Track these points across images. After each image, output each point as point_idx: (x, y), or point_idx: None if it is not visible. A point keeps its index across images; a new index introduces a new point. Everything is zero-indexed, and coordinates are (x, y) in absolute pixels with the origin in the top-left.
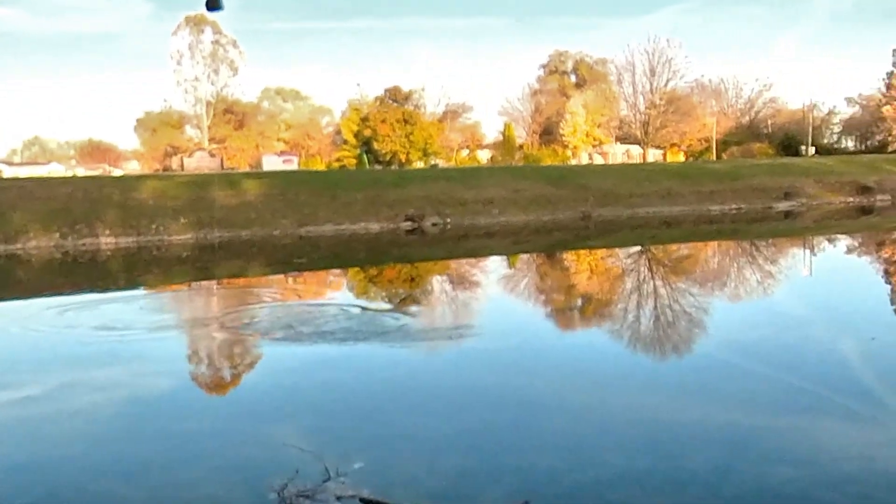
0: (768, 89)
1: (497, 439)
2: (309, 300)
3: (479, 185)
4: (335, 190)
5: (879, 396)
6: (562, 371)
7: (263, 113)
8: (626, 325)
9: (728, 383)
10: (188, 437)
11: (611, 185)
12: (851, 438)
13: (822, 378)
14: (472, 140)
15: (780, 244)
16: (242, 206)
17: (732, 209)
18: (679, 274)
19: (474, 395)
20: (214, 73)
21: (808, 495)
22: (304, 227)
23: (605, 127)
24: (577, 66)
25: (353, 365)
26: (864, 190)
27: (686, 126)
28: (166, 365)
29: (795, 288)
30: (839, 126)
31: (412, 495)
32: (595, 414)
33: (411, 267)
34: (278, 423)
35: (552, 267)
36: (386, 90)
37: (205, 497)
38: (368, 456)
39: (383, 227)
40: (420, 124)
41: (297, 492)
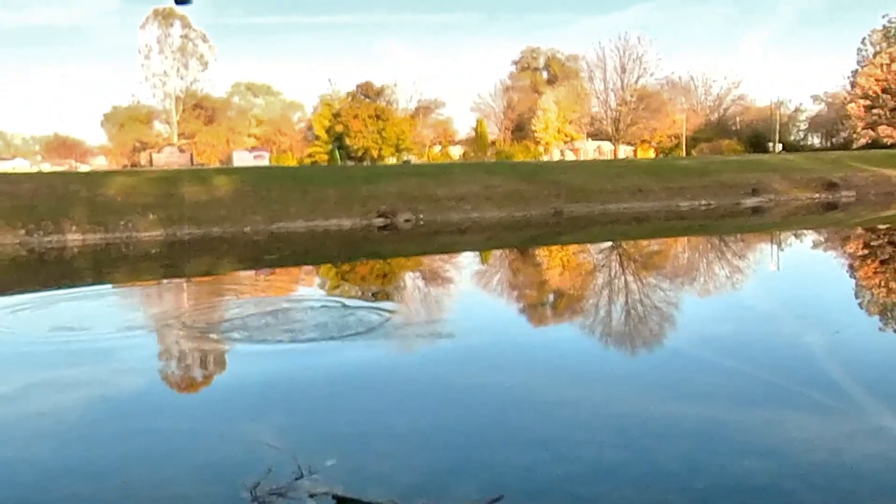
0: (737, 87)
1: (471, 435)
2: (280, 297)
3: (452, 181)
4: (307, 186)
5: (844, 388)
6: (535, 367)
7: (234, 108)
8: (598, 321)
9: (698, 377)
10: (158, 437)
11: (582, 182)
12: (818, 430)
13: (790, 371)
14: (444, 136)
15: (748, 240)
16: (213, 202)
17: (702, 205)
18: (650, 269)
19: (448, 392)
20: (184, 67)
21: (777, 486)
22: (276, 223)
23: (577, 123)
24: (548, 63)
25: (326, 362)
26: (830, 186)
27: (656, 123)
28: (135, 364)
29: (763, 283)
30: (805, 123)
31: (386, 492)
32: (568, 409)
33: (384, 263)
34: (250, 421)
35: (525, 263)
36: (358, 86)
37: (176, 496)
38: (341, 453)
39: (356, 224)
40: (392, 120)
41: (269, 490)
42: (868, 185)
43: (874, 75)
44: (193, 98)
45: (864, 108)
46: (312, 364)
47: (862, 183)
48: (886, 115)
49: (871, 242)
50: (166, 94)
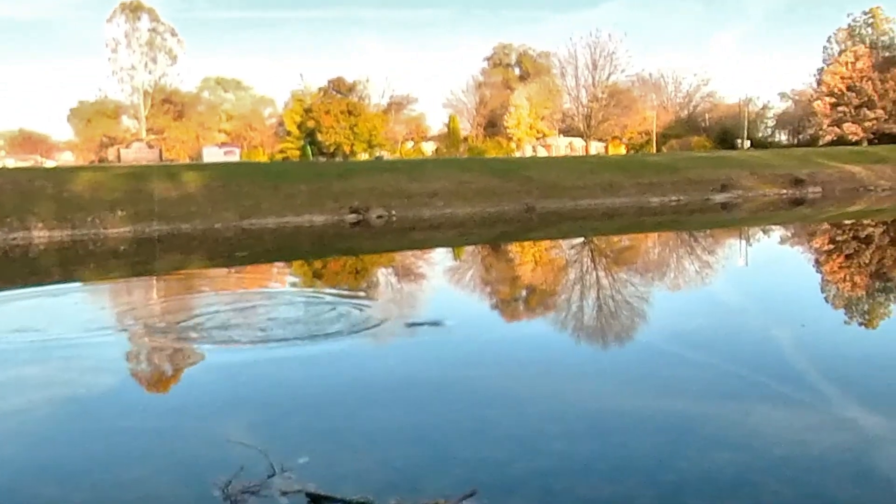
0: (706, 84)
1: (445, 431)
2: (251, 295)
3: (425, 177)
4: (278, 182)
5: (811, 381)
6: (509, 361)
7: (204, 103)
8: (570, 316)
9: (669, 371)
10: (127, 437)
11: (554, 178)
12: (786, 422)
13: (758, 364)
14: (416, 132)
15: (717, 235)
16: (183, 198)
17: (672, 201)
18: (622, 265)
19: (422, 388)
20: (152, 61)
21: (745, 478)
22: (247, 219)
23: (549, 119)
24: (520, 59)
25: (298, 360)
26: (797, 182)
27: (627, 119)
28: (102, 363)
29: (732, 278)
30: (773, 120)
31: (359, 489)
32: (541, 403)
33: (357, 259)
34: (222, 420)
35: (498, 259)
36: (329, 81)
37: (147, 496)
38: (314, 450)
39: (328, 220)
40: (364, 116)
41: (241, 488)
42: (833, 181)
43: (839, 73)
44: (162, 93)
45: (830, 106)
46: (284, 362)
47: (828, 179)
48: (851, 113)
49: (836, 238)
50: (134, 88)
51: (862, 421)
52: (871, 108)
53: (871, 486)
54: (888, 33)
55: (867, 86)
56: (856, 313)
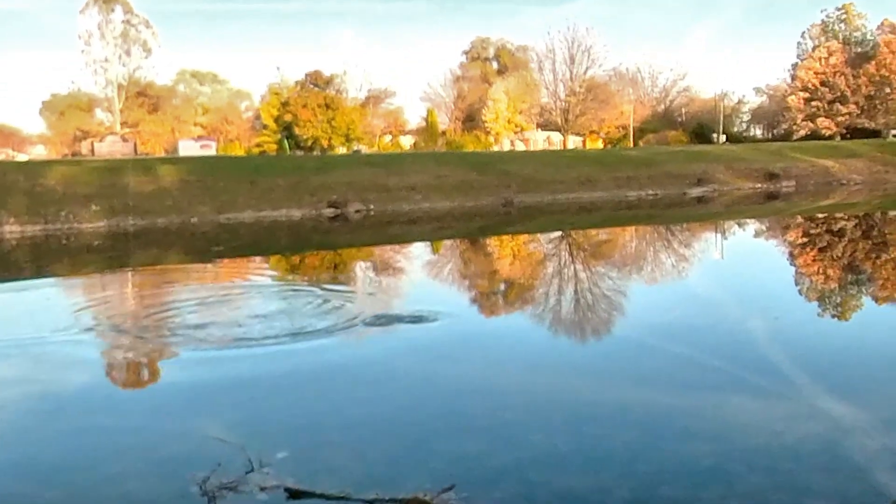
0: (682, 78)
1: (423, 425)
2: (227, 290)
3: (403, 171)
4: (255, 176)
5: (785, 372)
6: (486, 355)
7: (179, 96)
8: (548, 309)
9: (645, 363)
10: (103, 435)
11: (532, 172)
12: (760, 413)
13: (733, 356)
14: (394, 126)
15: (693, 229)
16: (158, 192)
17: (649, 195)
18: (599, 258)
19: (400, 382)
20: (126, 54)
21: (721, 468)
22: (224, 214)
23: (527, 114)
24: (498, 53)
25: (275, 355)
26: (771, 176)
27: (604, 113)
28: (76, 360)
29: (708, 271)
30: (748, 115)
31: (338, 484)
32: (519, 397)
33: (335, 254)
34: (199, 417)
35: (476, 253)
36: (307, 74)
37: (124, 494)
38: (293, 446)
39: (305, 214)
40: (342, 109)
41: (219, 484)
42: (807, 175)
43: (813, 68)
44: (136, 86)
45: (804, 101)
46: (261, 358)
47: (801, 173)
48: (824, 108)
49: (809, 231)
50: (108, 81)
51: (834, 411)
52: (843, 103)
53: (843, 475)
54: (860, 29)
55: (840, 81)
56: (828, 305)
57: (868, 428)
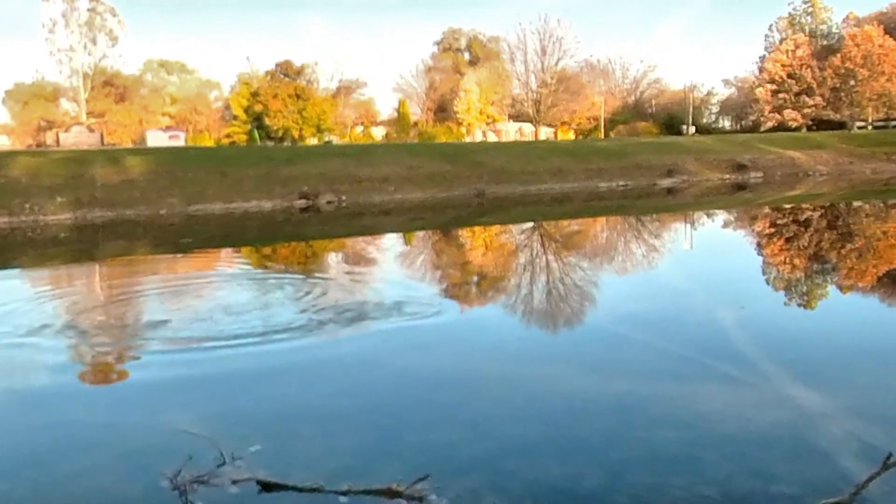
0: (652, 70)
1: (396, 416)
2: (194, 282)
3: (375, 162)
4: (225, 167)
5: (753, 361)
6: (459, 346)
7: (146, 86)
8: (520, 300)
9: (617, 353)
10: (72, 429)
11: (504, 163)
12: (729, 401)
13: (703, 345)
14: (366, 117)
15: (663, 219)
16: (126, 183)
17: (619, 186)
18: (571, 249)
19: (372, 373)
20: (91, 42)
21: (691, 455)
22: (193, 205)
23: (499, 105)
24: (470, 44)
25: (245, 350)
26: (740, 167)
27: (576, 105)
28: (44, 355)
29: (678, 261)
30: (717, 107)
31: (311, 476)
32: (492, 387)
33: (307, 245)
34: (170, 411)
35: (449, 244)
36: (277, 64)
37: (93, 489)
38: (265, 439)
39: (276, 206)
40: (313, 100)
41: (191, 478)
42: (774, 166)
43: (780, 61)
44: (103, 75)
45: (771, 93)
46: (231, 351)
47: (769, 164)
48: (791, 100)
49: (777, 221)
50: (73, 70)
51: (801, 398)
52: (809, 95)
53: (810, 461)
54: (826, 22)
55: (806, 73)
56: (795, 294)
57: (833, 415)
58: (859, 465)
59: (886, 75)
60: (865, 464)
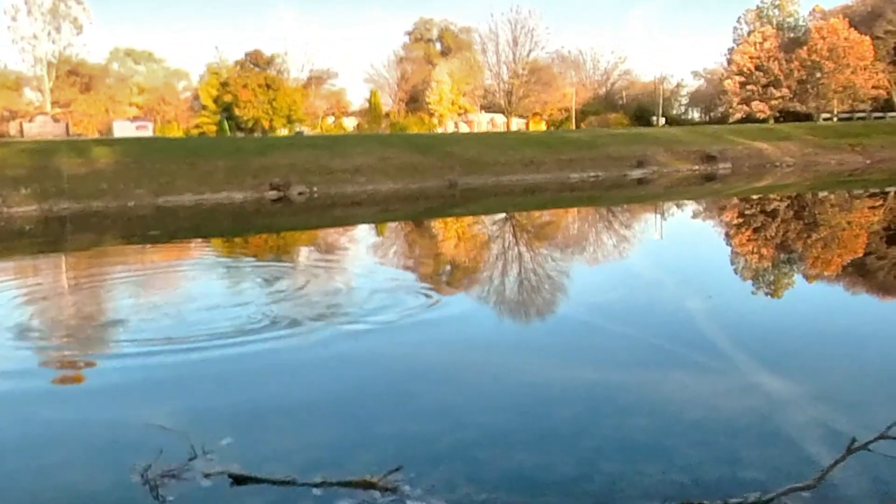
0: (623, 62)
1: (369, 408)
2: (164, 275)
3: (346, 153)
4: (195, 158)
5: (721, 349)
6: (431, 337)
7: (113, 75)
8: (492, 290)
9: (588, 342)
10: (41, 425)
11: (476, 154)
12: (697, 389)
13: (672, 334)
14: (337, 107)
15: (634, 210)
16: (93, 174)
17: (591, 177)
18: (542, 240)
19: (344, 365)
20: (55, 30)
21: (659, 443)
22: (162, 196)
23: (471, 96)
24: (442, 35)
25: (216, 343)
26: (709, 158)
27: (547, 96)
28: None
29: (648, 251)
30: (686, 98)
31: (284, 469)
32: (465, 378)
33: (277, 237)
34: (141, 406)
35: (421, 235)
36: (247, 54)
37: (63, 484)
38: (237, 432)
39: (247, 197)
40: (283, 90)
41: (161, 472)
42: (742, 157)
43: (748, 53)
44: (67, 64)
45: (739, 85)
46: (201, 345)
47: (737, 155)
48: (759, 91)
49: (745, 212)
50: (37, 59)
51: (767, 386)
52: (777, 87)
53: (776, 447)
54: (793, 15)
55: (774, 65)
56: (762, 284)
57: (799, 401)
58: (824, 450)
59: (851, 68)
60: (830, 449)
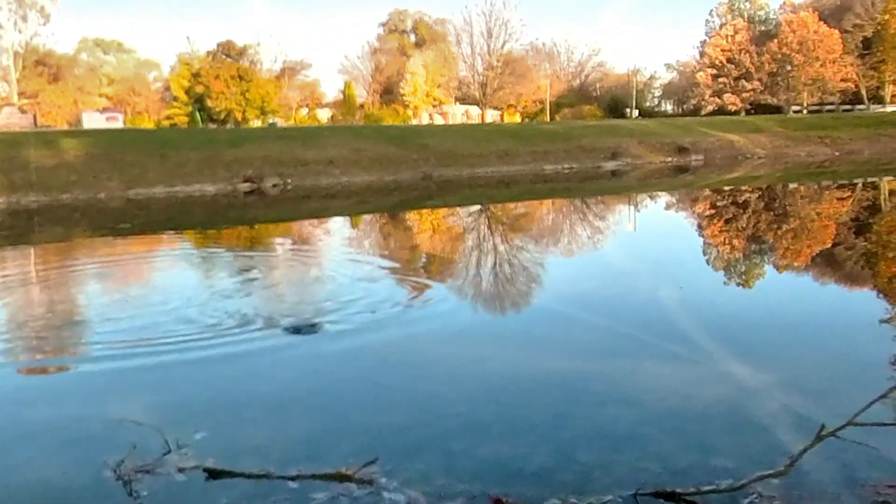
0: (597, 54)
1: (345, 400)
2: (134, 269)
3: (320, 144)
4: (166, 150)
5: (694, 339)
6: (406, 328)
7: (82, 66)
8: (467, 282)
9: (563, 332)
10: (9, 421)
11: (451, 146)
12: (671, 378)
13: (646, 324)
14: (311, 99)
15: (608, 202)
16: (61, 166)
17: (565, 168)
18: (517, 231)
19: (319, 357)
20: (22, 20)
21: (634, 432)
22: (133, 189)
23: (445, 87)
24: (416, 26)
25: (190, 336)
26: (681, 150)
27: (522, 88)
28: None
29: (622, 242)
30: (659, 90)
31: (260, 462)
32: (441, 368)
33: (251, 230)
34: (113, 401)
35: (396, 227)
36: (219, 45)
37: (33, 481)
38: (211, 426)
39: (220, 189)
40: (256, 81)
41: (134, 468)
42: (714, 149)
43: (720, 46)
44: (35, 54)
45: (711, 77)
46: (174, 339)
47: (709, 147)
48: (731, 84)
49: (717, 203)
50: (2, 48)
51: (739, 374)
52: (748, 79)
53: (747, 435)
54: (764, 8)
55: (745, 58)
56: (734, 274)
57: (769, 389)
58: (794, 437)
59: (821, 61)
60: (800, 436)
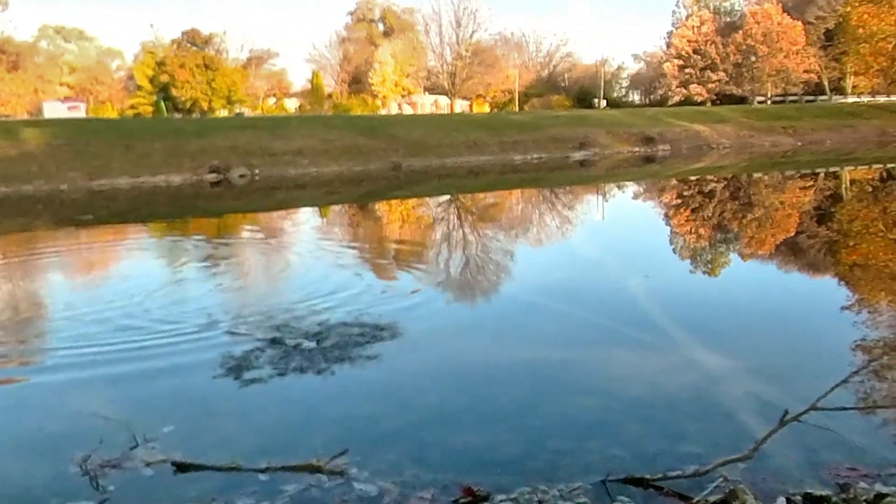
0: (565, 44)
1: (314, 391)
2: (100, 261)
3: (288, 134)
4: (131, 140)
5: (662, 327)
6: (376, 319)
7: (42, 54)
8: (437, 272)
9: (532, 321)
10: None
11: (420, 136)
12: (639, 366)
13: (614, 313)
14: (278, 88)
15: (576, 192)
16: (22, 157)
17: (534, 158)
18: (487, 221)
19: (287, 348)
20: None
21: (604, 420)
22: (97, 180)
23: (414, 77)
24: (384, 15)
25: (155, 328)
26: (649, 140)
27: (491, 78)
28: None
29: (591, 232)
30: (627, 81)
31: (228, 455)
32: (411, 360)
33: (218, 220)
34: (78, 395)
35: (365, 217)
36: (183, 33)
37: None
38: (179, 419)
39: (186, 180)
40: (222, 70)
41: (101, 462)
42: (681, 139)
43: (686, 37)
44: None
45: (678, 68)
46: (137, 330)
47: (676, 137)
48: (697, 75)
49: (683, 193)
50: None
51: (705, 362)
52: (714, 70)
53: (714, 420)
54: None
55: (711, 49)
56: (700, 262)
57: (735, 376)
58: (759, 422)
59: (784, 52)
60: (764, 421)
